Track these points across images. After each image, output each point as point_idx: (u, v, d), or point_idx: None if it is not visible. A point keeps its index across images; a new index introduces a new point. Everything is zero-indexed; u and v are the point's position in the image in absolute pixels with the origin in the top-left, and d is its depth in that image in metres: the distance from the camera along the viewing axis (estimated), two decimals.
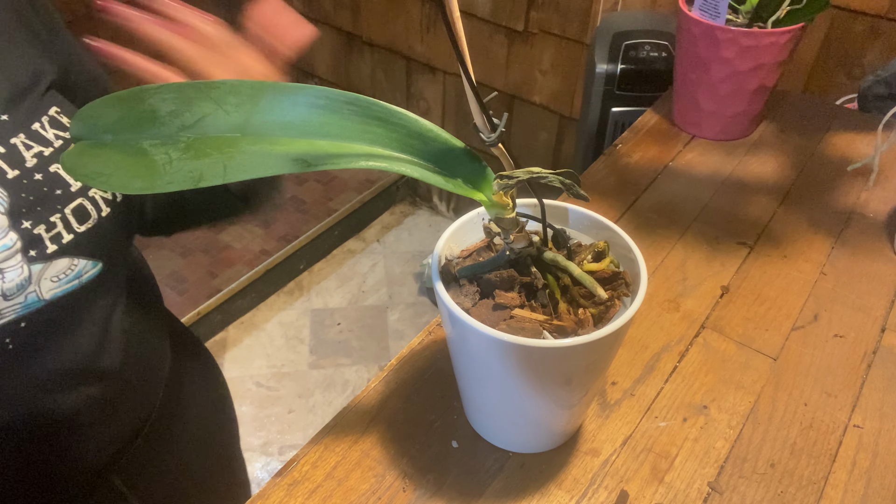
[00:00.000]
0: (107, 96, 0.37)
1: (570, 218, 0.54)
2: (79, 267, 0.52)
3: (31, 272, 0.49)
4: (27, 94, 0.52)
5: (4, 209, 0.48)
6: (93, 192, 0.53)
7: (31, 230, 0.49)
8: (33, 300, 0.50)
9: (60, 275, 0.51)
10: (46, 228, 0.50)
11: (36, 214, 0.49)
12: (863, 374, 0.63)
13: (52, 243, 0.50)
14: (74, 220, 0.52)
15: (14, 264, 0.48)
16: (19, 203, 0.49)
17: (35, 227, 0.49)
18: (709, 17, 0.83)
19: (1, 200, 0.48)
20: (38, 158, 0.50)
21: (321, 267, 2.11)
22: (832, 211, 0.82)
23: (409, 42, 1.90)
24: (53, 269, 0.51)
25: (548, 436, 0.56)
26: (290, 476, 0.54)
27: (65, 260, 0.51)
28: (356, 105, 0.39)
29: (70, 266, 0.52)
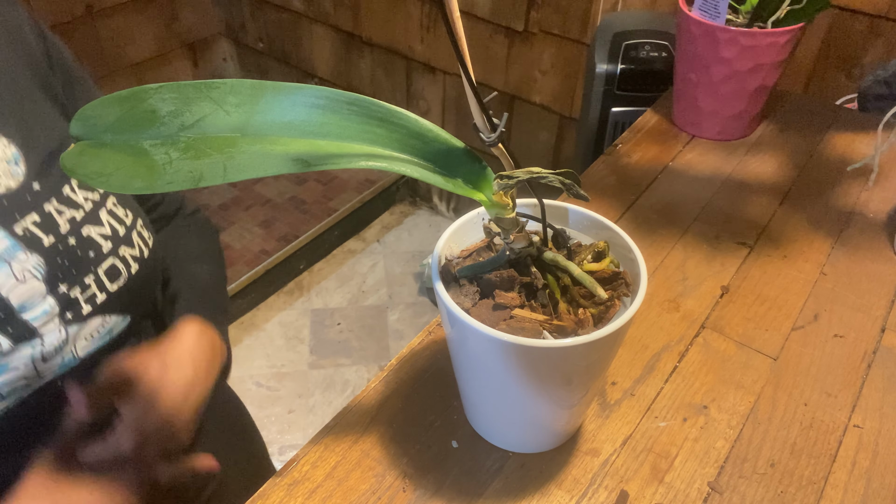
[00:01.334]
0: (107, 96, 0.37)
1: (570, 218, 0.54)
2: (110, 323, 0.53)
3: (68, 334, 0.50)
4: (56, 158, 0.52)
5: (42, 276, 0.49)
6: (123, 252, 0.54)
7: (68, 294, 0.50)
8: (69, 360, 0.51)
9: (94, 332, 0.52)
10: (81, 290, 0.51)
11: (72, 278, 0.50)
12: (863, 374, 0.63)
13: (87, 304, 0.51)
14: (107, 280, 0.53)
15: (53, 328, 0.49)
16: (55, 269, 0.49)
17: (71, 291, 0.50)
18: (709, 17, 0.83)
19: (39, 268, 0.49)
20: (70, 223, 0.51)
21: (321, 267, 2.11)
22: (832, 211, 0.82)
23: (409, 42, 1.90)
24: (88, 328, 0.52)
25: (548, 436, 0.55)
26: (290, 476, 0.54)
27: (98, 318, 0.52)
28: (356, 105, 0.39)
29: (102, 323, 0.53)
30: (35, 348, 0.48)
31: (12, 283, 0.47)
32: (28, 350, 0.48)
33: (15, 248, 0.48)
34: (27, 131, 0.52)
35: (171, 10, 2.17)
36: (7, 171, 0.49)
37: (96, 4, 1.95)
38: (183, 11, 2.21)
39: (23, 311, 0.48)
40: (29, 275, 0.48)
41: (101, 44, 2.02)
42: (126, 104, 0.37)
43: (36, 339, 0.48)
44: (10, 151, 0.50)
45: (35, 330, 0.48)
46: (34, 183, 0.50)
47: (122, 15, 2.04)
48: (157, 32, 2.16)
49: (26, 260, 0.48)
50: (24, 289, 0.48)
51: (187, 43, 2.28)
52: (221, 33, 2.38)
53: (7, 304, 0.47)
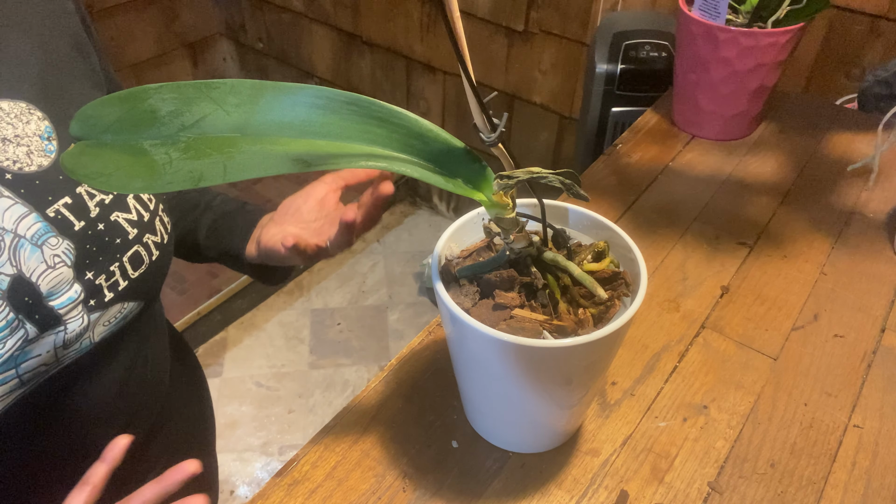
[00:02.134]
0: (107, 96, 0.37)
1: (570, 218, 0.54)
2: (127, 309, 0.53)
3: (89, 321, 0.50)
4: None
5: (71, 262, 0.48)
6: (146, 239, 0.54)
7: (94, 280, 0.50)
8: (87, 345, 0.51)
9: (112, 318, 0.52)
10: (106, 278, 0.51)
11: (98, 265, 0.50)
12: (863, 374, 0.63)
13: (110, 291, 0.51)
14: (130, 266, 0.52)
15: (76, 315, 0.49)
16: (83, 254, 0.49)
17: (97, 278, 0.50)
18: (709, 17, 0.83)
19: (69, 253, 0.48)
20: (100, 207, 0.51)
21: (321, 267, 2.11)
22: (832, 211, 0.82)
23: (409, 42, 1.90)
24: (108, 315, 0.52)
25: (548, 436, 0.55)
26: (290, 476, 0.54)
27: (117, 305, 0.52)
28: (356, 105, 0.39)
29: (120, 310, 0.53)
30: (58, 335, 0.48)
31: (43, 269, 0.47)
32: (52, 337, 0.48)
33: (47, 232, 0.47)
34: (62, 105, 0.51)
35: (171, 9, 2.17)
36: (41, 147, 0.48)
37: (96, 4, 1.95)
38: (183, 11, 2.21)
39: (50, 298, 0.47)
40: (59, 261, 0.48)
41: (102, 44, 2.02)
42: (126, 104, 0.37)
43: (60, 327, 0.48)
44: (44, 125, 0.49)
45: (60, 317, 0.48)
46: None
47: (122, 15, 2.03)
48: (157, 32, 2.16)
49: (57, 245, 0.48)
50: (54, 275, 0.47)
51: (187, 43, 2.28)
52: (221, 33, 2.38)
53: (37, 290, 0.46)
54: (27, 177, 0.47)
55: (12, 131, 0.47)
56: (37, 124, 0.49)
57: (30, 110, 0.49)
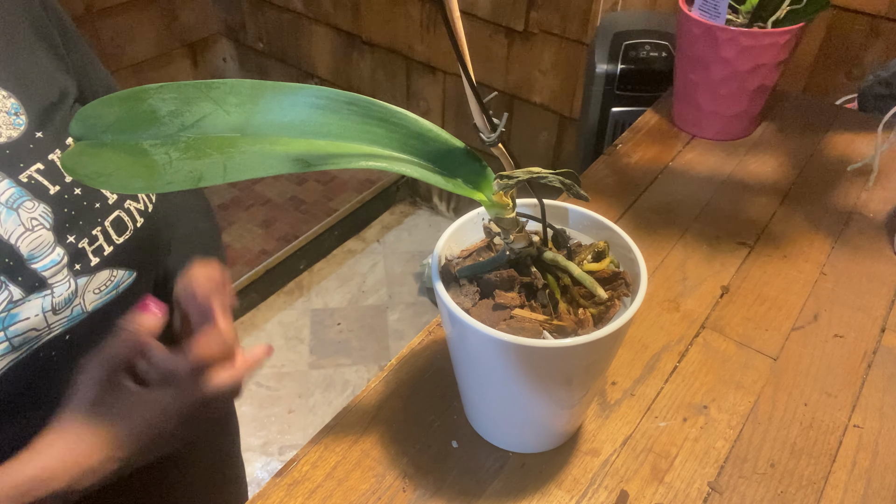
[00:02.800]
0: (107, 96, 0.37)
1: (570, 218, 0.54)
2: (117, 277, 0.54)
3: (77, 286, 0.51)
4: (57, 109, 0.53)
5: (49, 225, 0.49)
6: (128, 204, 0.54)
7: (76, 244, 0.50)
8: (78, 313, 0.51)
9: (102, 286, 0.53)
10: (89, 242, 0.51)
11: (79, 229, 0.51)
12: (863, 374, 0.63)
13: (95, 256, 0.52)
14: (114, 232, 0.53)
15: (62, 279, 0.49)
16: (62, 218, 0.50)
17: (79, 242, 0.50)
18: (709, 17, 0.83)
19: (46, 216, 0.49)
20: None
21: (321, 267, 2.11)
22: (832, 211, 0.82)
23: (409, 42, 1.90)
24: (96, 281, 0.52)
25: (548, 436, 0.55)
26: (290, 476, 0.54)
27: (105, 272, 0.53)
28: (356, 105, 0.39)
29: (110, 277, 0.53)
30: (46, 299, 0.49)
31: (21, 232, 0.48)
32: (39, 301, 0.48)
33: (21, 196, 0.48)
34: (26, 83, 0.52)
35: (171, 10, 2.17)
36: (8, 121, 0.49)
37: (96, 4, 1.95)
38: (183, 11, 2.21)
39: (32, 261, 0.48)
40: (37, 223, 0.48)
41: (101, 44, 2.02)
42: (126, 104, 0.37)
43: (46, 290, 0.49)
44: (10, 102, 0.50)
45: (45, 280, 0.48)
46: (37, 133, 0.50)
47: (122, 15, 2.03)
48: (157, 32, 2.16)
49: (34, 208, 0.48)
50: (33, 237, 0.48)
51: (187, 43, 2.28)
52: (221, 33, 2.38)
53: (17, 252, 0.47)
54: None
55: None
56: (2, 102, 0.50)
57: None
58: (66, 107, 0.54)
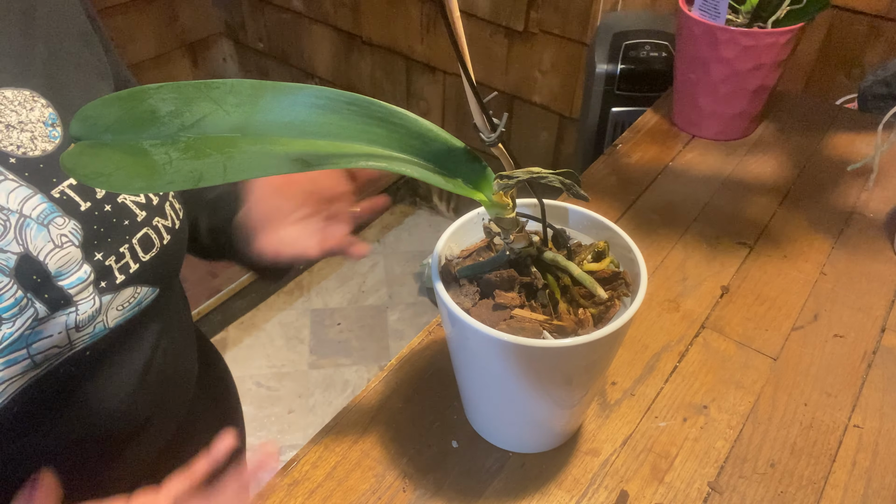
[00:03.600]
0: (107, 96, 0.37)
1: (570, 218, 0.54)
2: (140, 294, 0.53)
3: (101, 303, 0.50)
4: None
5: (78, 242, 0.48)
6: (156, 222, 0.54)
7: (103, 262, 0.50)
8: (100, 329, 0.51)
9: (125, 303, 0.52)
10: (116, 259, 0.51)
11: (107, 246, 0.50)
12: (863, 374, 0.63)
13: (121, 274, 0.51)
14: (140, 249, 0.53)
15: (87, 297, 0.49)
16: (91, 235, 0.49)
17: (106, 259, 0.50)
18: (709, 17, 0.83)
19: (75, 233, 0.49)
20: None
21: (321, 267, 2.11)
22: (832, 211, 0.82)
23: (409, 42, 1.90)
24: (120, 298, 0.52)
25: (548, 436, 0.55)
26: (290, 476, 0.54)
27: (130, 289, 0.52)
28: (356, 105, 0.39)
29: (134, 294, 0.53)
30: (70, 316, 0.48)
31: (50, 248, 0.47)
32: (63, 318, 0.48)
33: (52, 212, 0.48)
34: (66, 92, 0.51)
35: (171, 10, 2.17)
36: (44, 133, 0.49)
37: (96, 4, 1.94)
38: (183, 11, 2.21)
39: (59, 278, 0.47)
40: (66, 240, 0.48)
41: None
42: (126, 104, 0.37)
43: (71, 308, 0.48)
44: (48, 112, 0.50)
45: (70, 297, 0.48)
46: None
47: (122, 15, 2.04)
48: (157, 32, 2.16)
49: (64, 225, 0.48)
50: (62, 254, 0.48)
51: (187, 43, 2.28)
52: (221, 33, 2.38)
53: (45, 269, 0.47)
54: (31, 161, 0.48)
55: (16, 118, 0.48)
56: (41, 111, 0.49)
57: (34, 97, 0.49)
58: None
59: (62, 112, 0.50)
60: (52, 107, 0.50)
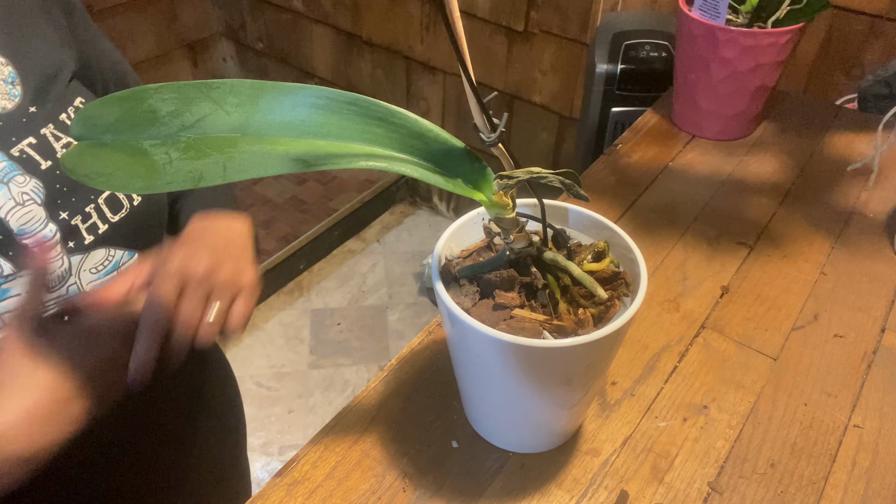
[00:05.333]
0: (107, 96, 0.37)
1: (570, 218, 0.54)
2: (116, 257, 0.53)
3: (70, 263, 0.50)
4: (52, 84, 0.52)
5: (41, 200, 0.49)
6: None
7: (69, 221, 0.50)
8: (74, 292, 0.50)
9: (99, 266, 0.52)
10: (83, 219, 0.51)
11: (71, 205, 0.50)
12: (863, 374, 0.63)
13: (89, 234, 0.51)
14: (108, 210, 0.52)
15: (55, 255, 0.49)
16: (54, 194, 0.49)
17: (72, 219, 0.50)
18: (709, 17, 0.83)
19: (37, 191, 0.49)
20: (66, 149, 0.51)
21: (321, 267, 2.11)
22: (832, 211, 0.82)
23: (409, 42, 1.90)
24: (91, 260, 0.52)
25: (548, 436, 0.55)
26: (290, 476, 0.54)
27: (101, 251, 0.52)
28: (356, 105, 0.39)
29: (107, 257, 0.53)
30: None
31: (12, 206, 0.47)
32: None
33: (12, 170, 0.48)
34: (25, 53, 0.51)
35: (171, 10, 2.17)
36: (4, 91, 0.49)
37: (96, 4, 1.95)
38: (183, 11, 2.21)
39: (23, 236, 0.47)
40: (27, 198, 0.48)
41: None
42: (126, 104, 0.37)
43: None
44: (7, 70, 0.50)
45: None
46: (31, 107, 0.50)
47: (122, 15, 2.03)
48: (157, 32, 2.16)
49: (25, 183, 0.48)
50: (24, 212, 0.48)
51: (187, 43, 2.28)
52: (221, 33, 2.38)
53: (6, 226, 0.47)
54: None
55: None
56: (1, 69, 0.49)
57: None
58: (63, 81, 0.53)
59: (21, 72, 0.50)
60: (11, 65, 0.50)
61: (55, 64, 0.53)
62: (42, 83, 0.51)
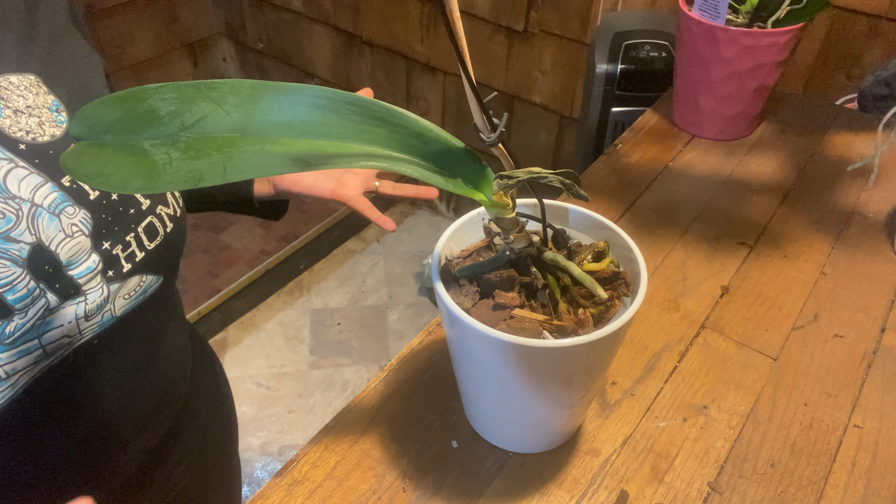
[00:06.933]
0: (107, 96, 0.37)
1: (570, 218, 0.54)
2: (146, 283, 0.54)
3: (109, 292, 0.50)
4: None
5: (88, 231, 0.48)
6: (160, 210, 0.54)
7: (111, 251, 0.50)
8: (108, 318, 0.51)
9: (132, 291, 0.52)
10: (123, 248, 0.51)
11: (114, 235, 0.50)
12: (863, 374, 0.63)
13: (128, 262, 0.51)
14: (146, 237, 0.53)
15: (95, 286, 0.49)
16: (100, 224, 0.49)
17: (114, 248, 0.50)
18: (709, 17, 0.83)
19: (85, 222, 0.48)
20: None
21: (321, 267, 2.11)
22: (832, 211, 0.82)
23: (409, 42, 1.90)
24: (126, 287, 0.52)
25: (548, 436, 0.55)
26: (290, 476, 0.54)
27: (136, 277, 0.52)
28: (356, 105, 0.39)
29: (139, 283, 0.53)
30: (79, 306, 0.48)
31: (62, 238, 0.47)
32: (73, 308, 0.48)
33: (63, 201, 0.48)
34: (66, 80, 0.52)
35: (171, 10, 2.17)
36: (51, 118, 0.49)
37: (96, 4, 1.95)
38: (183, 11, 2.21)
39: (69, 267, 0.47)
40: (76, 230, 0.48)
41: (101, 44, 2.02)
42: (126, 104, 0.37)
43: (80, 297, 0.48)
44: (51, 99, 0.50)
45: (80, 287, 0.48)
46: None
47: (122, 15, 2.03)
48: (157, 32, 2.16)
49: (74, 214, 0.48)
50: (72, 244, 0.48)
51: (187, 43, 2.28)
52: (221, 33, 2.38)
53: (56, 259, 0.47)
54: (40, 147, 0.47)
55: (23, 102, 0.48)
56: (45, 97, 0.49)
57: (38, 83, 0.49)
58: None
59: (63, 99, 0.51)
60: (52, 94, 0.50)
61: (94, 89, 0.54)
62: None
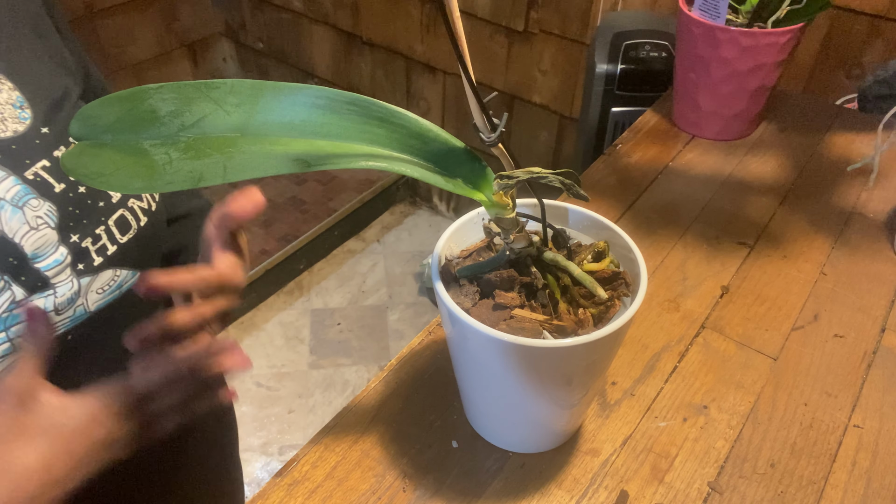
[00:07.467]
0: (107, 96, 0.37)
1: (570, 218, 0.54)
2: (121, 277, 0.53)
3: (80, 286, 0.50)
4: (61, 107, 0.53)
5: (54, 224, 0.48)
6: (132, 203, 0.54)
7: (80, 244, 0.50)
8: (81, 313, 0.51)
9: (105, 286, 0.52)
10: (93, 241, 0.51)
11: (83, 228, 0.50)
12: (863, 374, 0.63)
13: (98, 256, 0.51)
14: (117, 231, 0.53)
15: (65, 279, 0.49)
16: (67, 217, 0.49)
17: (83, 241, 0.50)
18: (709, 17, 0.83)
19: (51, 215, 0.48)
20: None
21: (321, 267, 2.11)
22: (832, 211, 0.82)
23: (409, 42, 1.90)
24: (99, 281, 0.52)
25: (548, 436, 0.55)
26: (290, 476, 0.54)
27: (109, 271, 0.52)
28: (356, 105, 0.39)
29: (113, 277, 0.53)
30: (48, 299, 0.48)
31: (26, 230, 0.47)
32: (41, 301, 0.48)
33: (27, 193, 0.48)
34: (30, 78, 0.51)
35: (171, 10, 2.17)
36: (14, 114, 0.49)
37: (96, 4, 1.95)
38: (183, 11, 2.21)
39: (35, 260, 0.47)
40: (41, 222, 0.48)
41: (101, 44, 2.02)
42: (126, 104, 0.37)
43: (49, 290, 0.48)
44: (15, 95, 0.50)
45: (47, 280, 0.48)
46: (42, 128, 0.50)
47: (122, 15, 2.03)
48: (157, 32, 2.16)
49: (39, 207, 0.48)
50: (38, 236, 0.47)
51: (187, 43, 2.28)
52: (221, 33, 2.38)
53: (21, 251, 0.47)
54: (3, 142, 0.47)
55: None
56: (8, 93, 0.49)
57: (2, 79, 0.49)
58: (70, 104, 0.54)
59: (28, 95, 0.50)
60: (18, 90, 0.50)
61: (60, 87, 0.54)
62: (51, 106, 0.52)
